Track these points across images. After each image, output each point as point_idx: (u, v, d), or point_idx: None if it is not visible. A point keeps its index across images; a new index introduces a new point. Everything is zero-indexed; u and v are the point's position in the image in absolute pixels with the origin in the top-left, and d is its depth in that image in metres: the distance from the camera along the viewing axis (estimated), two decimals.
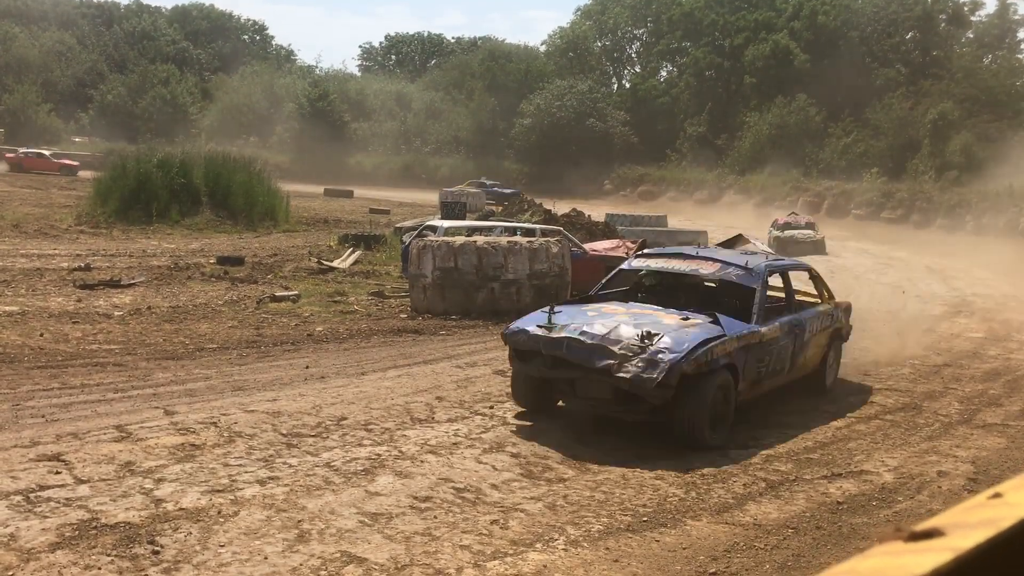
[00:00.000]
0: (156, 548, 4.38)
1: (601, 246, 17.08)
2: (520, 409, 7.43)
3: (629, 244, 17.05)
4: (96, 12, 75.38)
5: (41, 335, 9.53)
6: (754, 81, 52.27)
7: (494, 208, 27.14)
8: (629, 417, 6.71)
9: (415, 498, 5.29)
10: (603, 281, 8.55)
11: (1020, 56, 48.75)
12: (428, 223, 17.19)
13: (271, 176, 26.96)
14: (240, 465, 5.66)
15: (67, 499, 4.93)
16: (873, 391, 8.88)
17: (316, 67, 74.50)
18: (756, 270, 7.68)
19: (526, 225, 17.44)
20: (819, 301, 8.80)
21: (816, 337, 8.20)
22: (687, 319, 6.94)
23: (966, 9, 51.12)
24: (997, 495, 0.70)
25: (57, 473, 5.32)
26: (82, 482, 5.21)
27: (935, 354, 11.17)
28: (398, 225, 23.10)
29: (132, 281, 13.69)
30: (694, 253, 8.32)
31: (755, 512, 5.41)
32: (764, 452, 6.66)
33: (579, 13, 66.76)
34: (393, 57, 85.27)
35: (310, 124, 56.29)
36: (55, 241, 18.26)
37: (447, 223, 16.52)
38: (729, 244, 11.82)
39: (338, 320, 11.72)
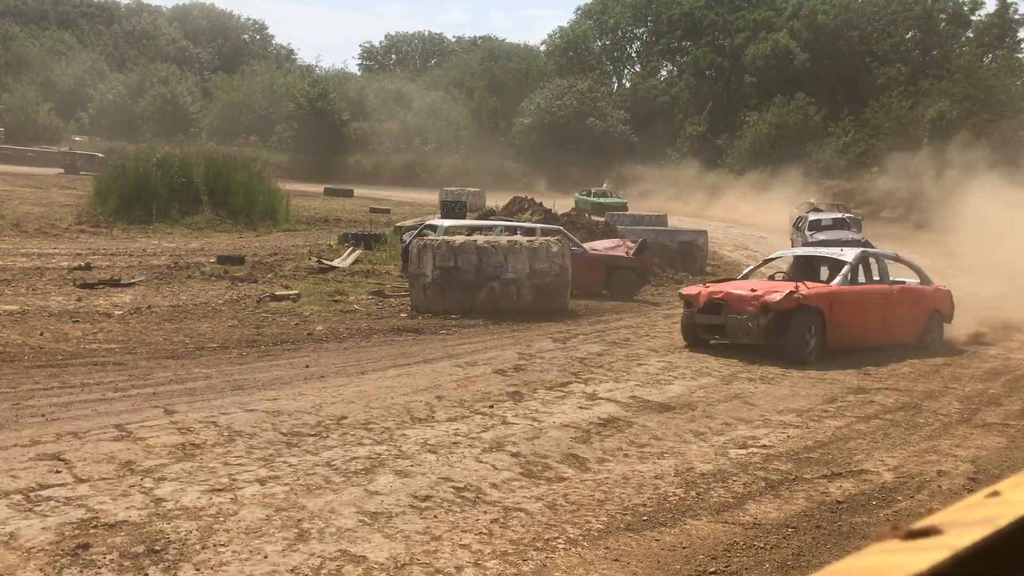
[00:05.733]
0: (156, 547, 4.38)
1: (601, 245, 17.09)
2: (518, 408, 7.45)
3: (629, 243, 17.06)
4: (96, 11, 75.29)
5: (41, 334, 9.54)
6: (754, 80, 52.26)
7: (494, 207, 27.14)
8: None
9: (415, 497, 5.30)
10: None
11: (1020, 56, 48.74)
12: (428, 222, 17.18)
13: (271, 175, 26.98)
14: (240, 464, 5.67)
15: (67, 498, 4.93)
16: (873, 391, 8.89)
17: (316, 66, 74.47)
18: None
19: (526, 224, 17.43)
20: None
21: None
22: None
23: (966, 8, 51.12)
24: (995, 493, 0.70)
25: (57, 472, 5.32)
26: (82, 481, 5.21)
27: (934, 353, 11.17)
28: (398, 224, 23.10)
29: (132, 280, 13.69)
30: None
31: (755, 511, 5.41)
32: (764, 451, 6.66)
33: (579, 12, 66.81)
34: (393, 56, 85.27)
35: (310, 124, 56.23)
36: (55, 240, 18.26)
37: (447, 222, 16.52)
38: None
39: (338, 319, 11.72)
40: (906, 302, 11.41)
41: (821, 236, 24.21)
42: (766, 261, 13.37)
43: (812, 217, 26.38)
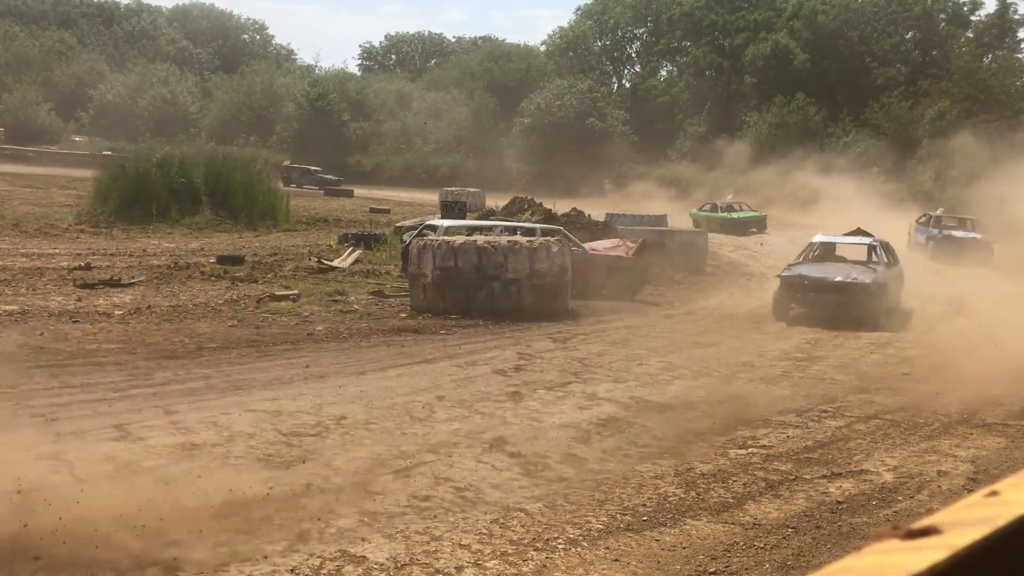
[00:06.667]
0: None
1: (601, 246, 17.07)
2: (518, 408, 7.46)
3: (629, 243, 17.04)
4: (96, 11, 75.28)
5: (41, 334, 9.53)
6: (754, 81, 52.24)
7: (494, 207, 27.09)
8: None
9: (415, 497, 5.30)
10: None
11: (1020, 56, 48.79)
12: (428, 222, 17.18)
13: (271, 175, 26.99)
14: (240, 464, 5.66)
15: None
16: (873, 391, 8.89)
17: (316, 66, 74.42)
18: None
19: (526, 224, 17.42)
20: None
21: None
22: None
23: (966, 9, 51.12)
24: (994, 493, 0.70)
25: (57, 473, 5.32)
26: (82, 481, 5.20)
27: (934, 353, 11.17)
28: (398, 224, 23.09)
29: (132, 280, 13.68)
30: None
31: (755, 511, 5.41)
32: (764, 452, 6.66)
33: (579, 12, 66.74)
34: (393, 57, 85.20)
35: (310, 124, 56.23)
36: (55, 240, 18.26)
37: (447, 222, 16.52)
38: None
39: (338, 319, 11.72)
40: None
41: (802, 269, 14.37)
42: None
43: (820, 240, 15.80)
